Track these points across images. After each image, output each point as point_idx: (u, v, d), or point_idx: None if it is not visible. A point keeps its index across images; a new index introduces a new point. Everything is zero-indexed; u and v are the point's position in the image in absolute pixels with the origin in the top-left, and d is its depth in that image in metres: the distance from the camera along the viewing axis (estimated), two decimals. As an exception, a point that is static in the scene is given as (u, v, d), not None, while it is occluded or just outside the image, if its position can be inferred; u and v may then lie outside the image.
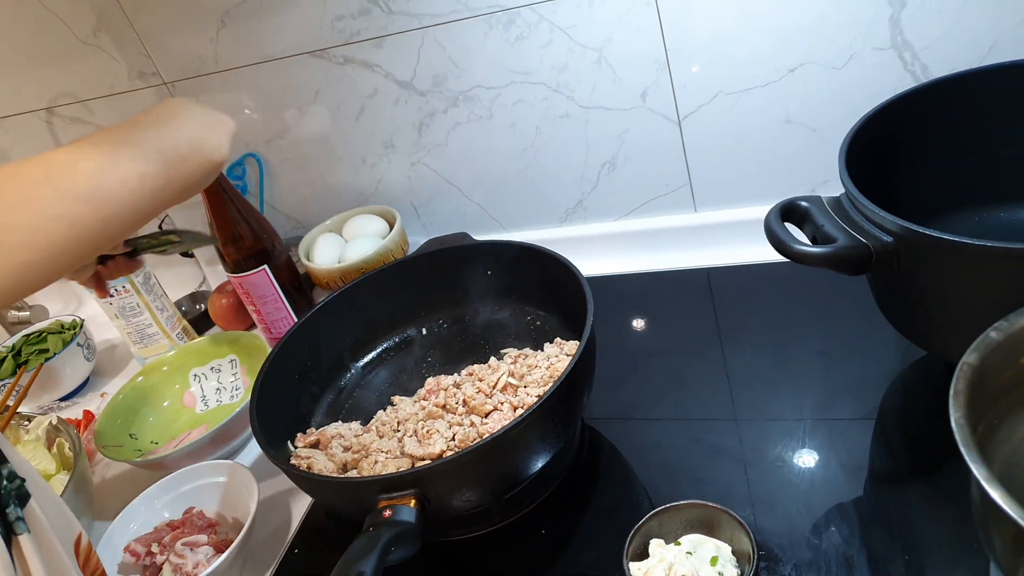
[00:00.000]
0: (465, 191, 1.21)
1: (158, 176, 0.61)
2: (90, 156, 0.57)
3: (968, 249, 0.60)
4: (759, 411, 0.83)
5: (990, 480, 0.47)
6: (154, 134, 0.64)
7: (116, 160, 0.58)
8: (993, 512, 0.47)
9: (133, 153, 0.60)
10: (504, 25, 1.01)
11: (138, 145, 0.61)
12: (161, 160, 0.62)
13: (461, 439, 0.77)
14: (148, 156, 0.61)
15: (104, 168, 0.57)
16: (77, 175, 0.55)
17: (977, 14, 0.85)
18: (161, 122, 0.66)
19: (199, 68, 1.20)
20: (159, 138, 0.64)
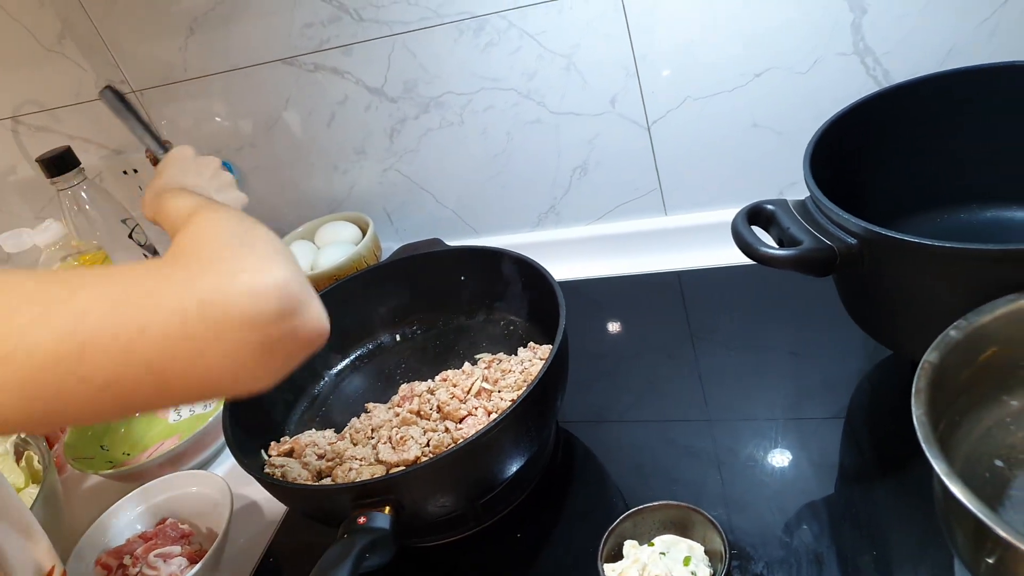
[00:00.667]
0: (438, 197, 1.21)
1: None
2: None
3: (928, 250, 0.61)
4: (731, 411, 0.84)
5: (951, 475, 0.48)
6: None
7: None
8: (954, 506, 0.48)
9: None
10: (474, 32, 1.01)
11: None
12: None
13: (436, 445, 0.77)
14: None
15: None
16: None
17: (935, 20, 0.87)
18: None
19: (168, 76, 1.19)
20: None
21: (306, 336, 0.46)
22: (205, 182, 0.74)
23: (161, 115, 1.24)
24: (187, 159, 0.77)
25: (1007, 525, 0.44)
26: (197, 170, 0.75)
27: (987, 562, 0.48)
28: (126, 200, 1.30)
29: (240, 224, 0.51)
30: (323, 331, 0.47)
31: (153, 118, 1.24)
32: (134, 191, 1.34)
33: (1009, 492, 0.56)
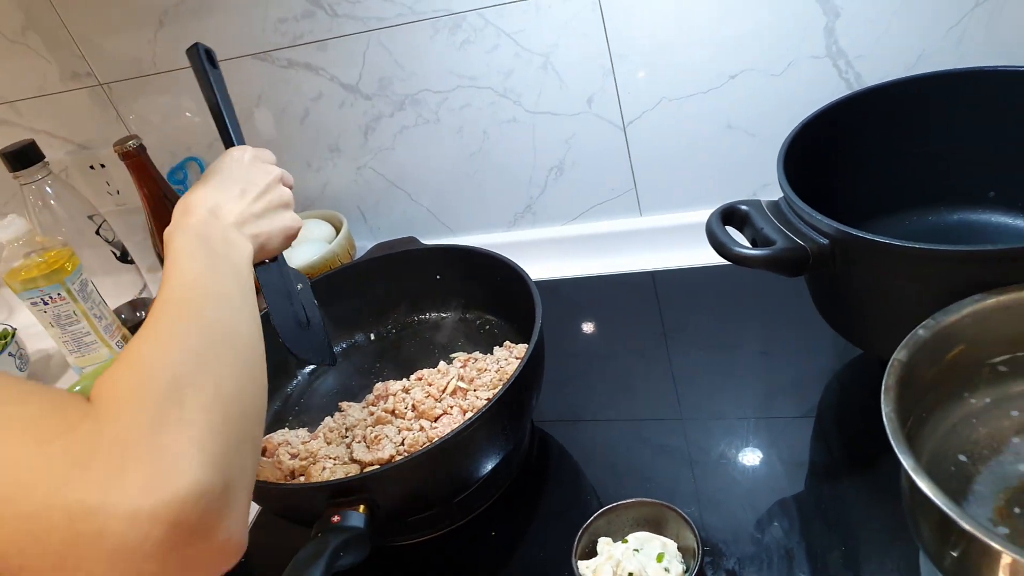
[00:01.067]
0: (413, 195, 1.21)
1: None
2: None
3: (897, 250, 0.62)
4: (704, 410, 0.85)
5: (917, 471, 0.49)
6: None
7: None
8: (921, 501, 0.49)
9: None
10: (450, 29, 1.01)
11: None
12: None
13: (411, 444, 0.77)
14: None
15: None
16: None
17: (905, 25, 0.88)
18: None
19: (137, 69, 1.17)
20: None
21: (202, 565, 0.39)
22: (248, 203, 0.64)
23: (130, 109, 1.23)
24: (240, 164, 0.67)
25: (971, 519, 0.45)
26: (246, 181, 0.66)
27: (951, 555, 0.49)
28: (93, 196, 1.29)
29: (191, 359, 0.44)
30: (232, 557, 0.40)
31: (121, 113, 1.23)
32: (101, 186, 1.32)
33: (973, 487, 0.57)
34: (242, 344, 0.50)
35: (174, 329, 0.47)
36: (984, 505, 0.56)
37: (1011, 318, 0.60)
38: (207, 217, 0.59)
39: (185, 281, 0.52)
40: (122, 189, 1.32)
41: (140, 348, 0.45)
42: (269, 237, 0.65)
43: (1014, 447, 0.59)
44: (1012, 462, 0.58)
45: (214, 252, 0.56)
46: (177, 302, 0.50)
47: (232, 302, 0.53)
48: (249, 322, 0.53)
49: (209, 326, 0.48)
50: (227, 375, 0.46)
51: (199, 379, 0.43)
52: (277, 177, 0.69)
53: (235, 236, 0.60)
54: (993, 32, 0.86)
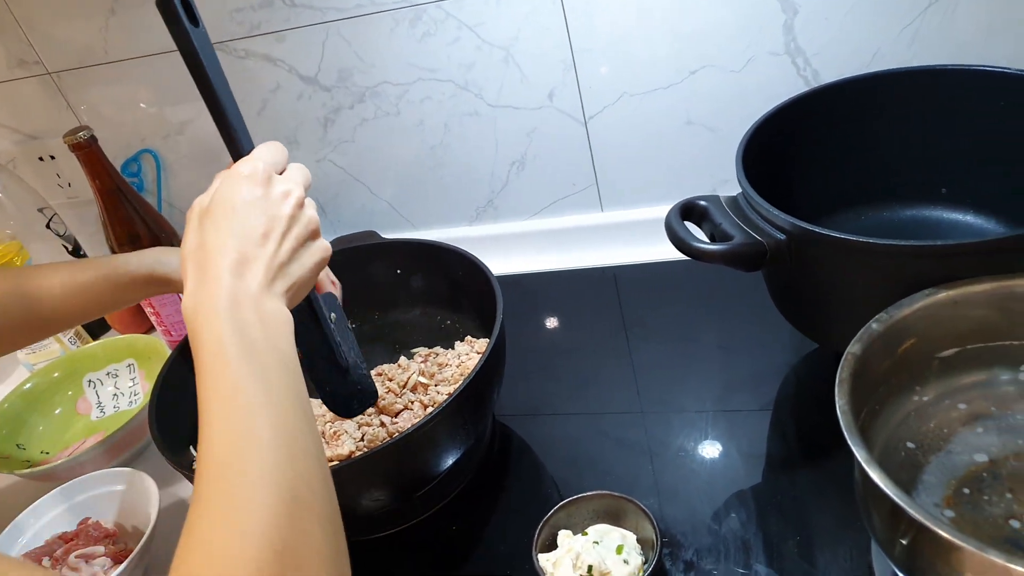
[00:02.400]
0: (373, 189, 1.19)
1: None
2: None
3: (851, 245, 0.63)
4: (664, 404, 0.86)
5: (870, 462, 0.50)
6: None
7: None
8: (872, 491, 0.50)
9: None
10: (410, 21, 1.00)
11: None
12: None
13: (370, 439, 0.77)
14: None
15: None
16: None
17: (861, 23, 0.89)
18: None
19: (87, 58, 1.14)
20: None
21: None
22: (274, 248, 0.51)
23: (81, 99, 1.19)
24: (254, 188, 0.52)
25: (920, 508, 0.46)
26: (269, 216, 0.51)
27: (901, 543, 0.51)
28: (43, 188, 1.25)
29: (272, 548, 0.39)
30: None
31: (72, 102, 1.20)
32: (52, 178, 1.28)
33: (922, 477, 0.59)
34: (319, 493, 0.44)
35: (244, 498, 0.40)
36: (933, 495, 0.58)
37: (960, 312, 0.62)
38: (233, 285, 0.48)
39: (236, 406, 0.44)
40: (74, 181, 1.29)
41: (213, 530, 0.40)
42: (302, 283, 0.53)
43: (961, 438, 0.60)
44: (959, 452, 0.60)
45: (255, 344, 0.46)
46: (236, 444, 0.43)
47: (296, 426, 0.45)
48: (316, 445, 0.46)
49: (283, 486, 0.42)
50: (316, 527, 0.42)
51: (298, 545, 0.39)
52: (300, 198, 0.54)
53: (270, 305, 0.49)
54: (945, 32, 0.88)
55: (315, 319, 0.62)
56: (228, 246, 0.49)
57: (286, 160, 0.57)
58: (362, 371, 0.67)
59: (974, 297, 0.61)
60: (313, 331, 0.62)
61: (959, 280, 0.61)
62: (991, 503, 0.56)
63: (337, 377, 0.64)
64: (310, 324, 0.62)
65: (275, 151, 0.56)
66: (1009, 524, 0.54)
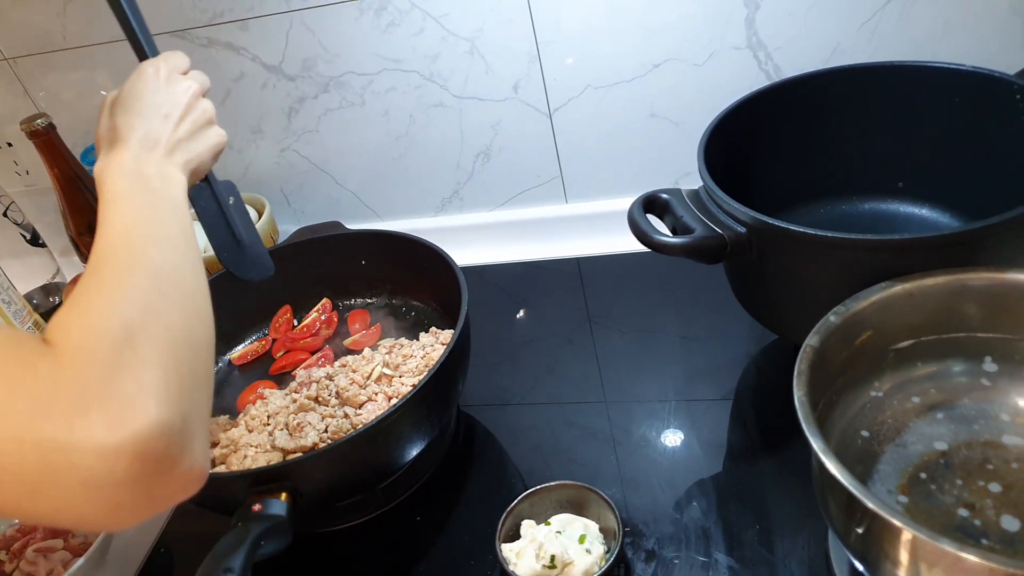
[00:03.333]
0: (338, 179, 1.19)
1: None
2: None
3: (809, 238, 0.65)
4: (627, 393, 0.87)
5: (826, 452, 0.51)
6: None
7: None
8: (829, 481, 0.51)
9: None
10: (375, 11, 1.00)
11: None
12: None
13: (334, 431, 0.76)
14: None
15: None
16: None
17: (821, 19, 0.91)
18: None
19: (45, 44, 1.12)
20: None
21: (168, 492, 0.41)
22: (174, 127, 0.60)
23: (39, 86, 1.17)
24: (158, 82, 0.61)
25: (875, 497, 0.48)
26: (169, 103, 0.61)
27: (857, 532, 0.52)
28: (0, 175, 1.22)
29: (139, 304, 0.45)
30: (195, 484, 0.43)
31: (29, 89, 1.17)
32: (9, 165, 1.26)
33: (878, 467, 0.60)
34: (188, 283, 0.50)
35: (120, 275, 0.47)
36: (888, 484, 0.59)
37: (915, 305, 0.63)
38: (138, 151, 0.57)
39: (125, 223, 0.51)
40: (32, 169, 1.26)
41: (89, 295, 0.45)
42: (200, 160, 0.62)
43: (916, 428, 0.62)
44: (914, 442, 0.61)
45: (151, 190, 0.55)
46: (120, 247, 0.49)
47: (174, 241, 0.52)
48: (193, 259, 0.52)
49: (154, 269, 0.48)
50: (176, 316, 0.46)
51: (149, 323, 0.44)
52: (197, 91, 0.63)
53: (169, 168, 0.58)
54: (903, 28, 0.89)
55: (213, 195, 0.71)
56: (135, 124, 0.58)
57: (188, 65, 0.65)
58: (260, 250, 0.75)
59: (928, 290, 0.63)
60: (211, 205, 0.71)
61: (914, 273, 0.62)
62: (943, 491, 0.57)
63: (234, 247, 0.72)
64: (208, 199, 0.71)
65: (177, 56, 0.65)
66: (960, 512, 0.56)
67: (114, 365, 0.40)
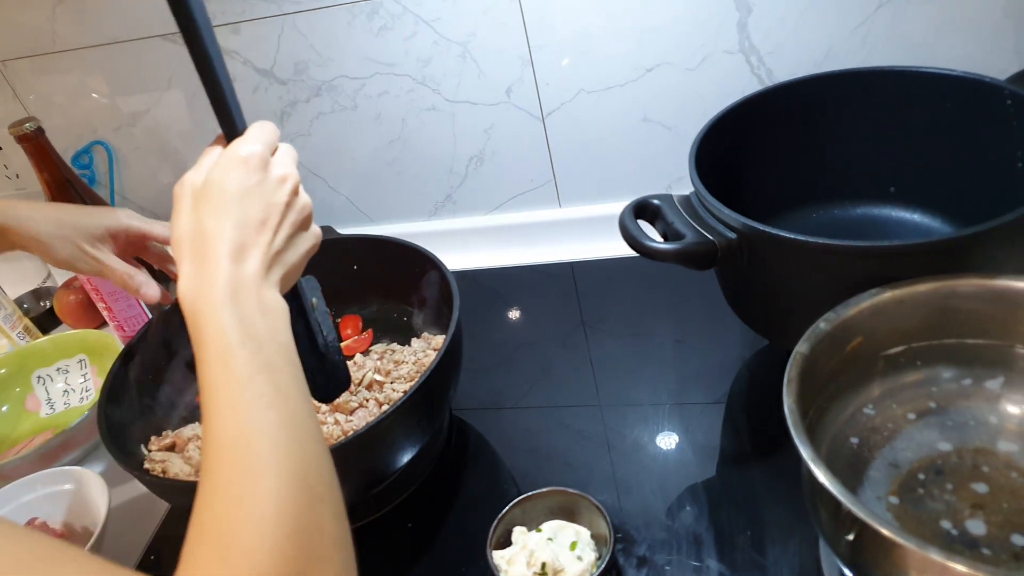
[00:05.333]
0: (331, 183, 1.18)
1: None
2: None
3: (799, 245, 0.64)
4: (621, 397, 0.87)
5: (816, 460, 0.51)
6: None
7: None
8: (818, 489, 0.51)
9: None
10: (367, 15, 0.99)
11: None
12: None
13: (325, 437, 0.76)
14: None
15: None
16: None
17: (814, 23, 0.91)
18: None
19: (36, 47, 1.11)
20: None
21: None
22: (270, 236, 0.50)
23: (29, 89, 1.16)
24: (250, 173, 0.50)
25: (863, 506, 0.47)
26: (265, 203, 0.50)
27: (846, 539, 0.52)
28: (-9, 180, 1.22)
29: (288, 538, 0.38)
30: None
31: (19, 92, 1.17)
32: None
33: (868, 474, 0.60)
34: (326, 479, 0.44)
35: (257, 480, 0.40)
36: (878, 491, 0.59)
37: (905, 311, 0.63)
38: (232, 273, 0.47)
39: (244, 398, 0.43)
40: (22, 172, 1.26)
41: (225, 520, 0.39)
42: (294, 271, 0.53)
43: (906, 435, 0.62)
44: (904, 449, 0.61)
45: (257, 335, 0.45)
46: (244, 433, 0.42)
47: (300, 415, 0.44)
48: (313, 415, 0.46)
49: (292, 473, 0.41)
50: (324, 545, 0.41)
51: (301, 558, 0.39)
52: (297, 185, 0.53)
53: (268, 294, 0.48)
54: (896, 32, 0.89)
55: (300, 306, 0.61)
56: (226, 233, 0.48)
57: (278, 140, 0.55)
58: (338, 356, 0.66)
59: (918, 296, 0.62)
60: (298, 318, 0.60)
61: (904, 280, 0.62)
62: (934, 498, 0.57)
63: (317, 362, 0.63)
64: (296, 311, 0.60)
65: (270, 132, 0.54)
66: (950, 519, 0.56)
67: None
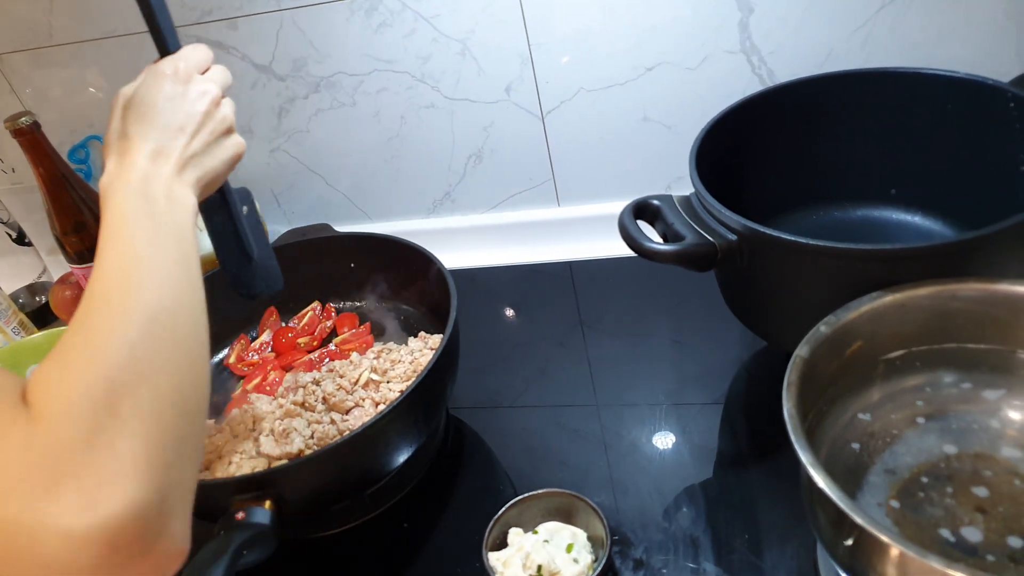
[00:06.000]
0: (329, 180, 1.18)
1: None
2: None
3: (799, 247, 0.64)
4: (618, 397, 0.86)
5: (815, 465, 0.50)
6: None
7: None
8: (816, 494, 0.51)
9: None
10: (366, 11, 0.99)
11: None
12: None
13: (320, 437, 0.76)
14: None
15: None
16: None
17: (814, 24, 0.90)
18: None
19: (32, 40, 1.11)
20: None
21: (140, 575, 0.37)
22: (188, 139, 0.56)
23: (25, 83, 1.16)
24: (176, 86, 0.56)
25: (862, 512, 0.47)
26: (185, 113, 0.56)
27: (844, 544, 0.51)
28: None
29: (127, 358, 0.41)
30: (172, 566, 0.39)
31: (15, 86, 1.16)
32: (-6, 162, 1.24)
33: (867, 478, 0.59)
34: (184, 332, 0.46)
35: (110, 319, 0.43)
36: (877, 496, 0.58)
37: (906, 315, 0.63)
38: (148, 167, 0.53)
39: (124, 258, 0.48)
40: (18, 167, 1.25)
41: (74, 348, 0.42)
42: (215, 174, 0.58)
43: (906, 439, 0.61)
44: (903, 454, 0.61)
45: (156, 215, 0.51)
46: (114, 288, 0.45)
47: (175, 280, 0.48)
48: (193, 301, 0.49)
49: (149, 318, 0.44)
50: (167, 375, 0.43)
51: (136, 385, 0.40)
52: (216, 98, 0.59)
53: (178, 188, 0.54)
54: (897, 33, 0.89)
55: (225, 207, 0.67)
56: (147, 136, 0.54)
57: (209, 61, 0.61)
58: (271, 263, 0.72)
59: (919, 300, 0.62)
60: (224, 218, 0.68)
61: (904, 283, 0.62)
62: (934, 503, 0.57)
63: (243, 262, 0.70)
64: (221, 211, 0.67)
65: (199, 52, 0.60)
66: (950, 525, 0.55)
67: (92, 432, 0.37)
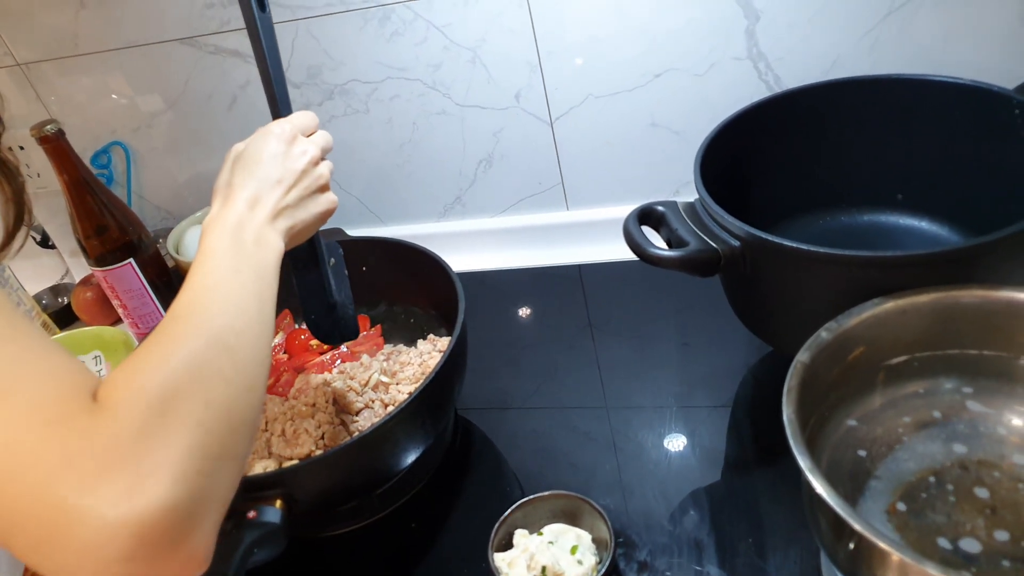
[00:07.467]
0: (343, 184, 1.19)
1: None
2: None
3: (802, 254, 0.64)
4: (627, 399, 0.87)
5: (814, 471, 0.51)
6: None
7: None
8: (816, 500, 0.51)
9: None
10: (379, 21, 1.00)
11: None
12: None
13: (330, 438, 0.77)
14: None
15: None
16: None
17: (822, 30, 0.91)
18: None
19: (58, 50, 1.13)
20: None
21: (166, 572, 0.40)
22: (283, 193, 0.61)
23: (51, 90, 1.18)
24: (279, 144, 0.63)
25: (862, 519, 0.48)
26: (284, 168, 0.62)
27: (845, 550, 0.52)
28: (11, 179, 1.24)
29: (188, 369, 0.44)
30: (196, 568, 0.42)
31: (41, 93, 1.19)
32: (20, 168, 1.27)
33: (870, 483, 0.60)
34: (245, 357, 0.49)
35: (180, 335, 0.47)
36: (879, 502, 0.59)
37: (908, 321, 0.63)
38: (244, 212, 0.58)
39: (205, 283, 0.52)
40: (43, 172, 1.27)
41: (147, 353, 0.45)
42: (304, 225, 0.64)
43: (908, 446, 0.62)
44: (906, 460, 0.61)
45: (243, 251, 0.56)
46: (191, 306, 0.50)
47: (247, 310, 0.52)
48: (260, 332, 0.52)
49: (215, 334, 0.48)
50: (221, 390, 0.45)
51: (191, 390, 0.43)
52: (315, 158, 0.65)
53: (268, 233, 0.59)
54: (904, 39, 0.89)
55: (314, 257, 0.73)
56: (247, 186, 0.60)
57: (315, 126, 0.68)
58: (349, 312, 0.77)
59: (921, 306, 0.62)
60: (310, 267, 0.73)
61: (907, 290, 0.62)
62: (935, 509, 0.57)
63: (323, 310, 0.75)
64: (309, 261, 0.73)
65: (306, 119, 0.67)
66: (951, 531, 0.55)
67: (141, 431, 0.40)
